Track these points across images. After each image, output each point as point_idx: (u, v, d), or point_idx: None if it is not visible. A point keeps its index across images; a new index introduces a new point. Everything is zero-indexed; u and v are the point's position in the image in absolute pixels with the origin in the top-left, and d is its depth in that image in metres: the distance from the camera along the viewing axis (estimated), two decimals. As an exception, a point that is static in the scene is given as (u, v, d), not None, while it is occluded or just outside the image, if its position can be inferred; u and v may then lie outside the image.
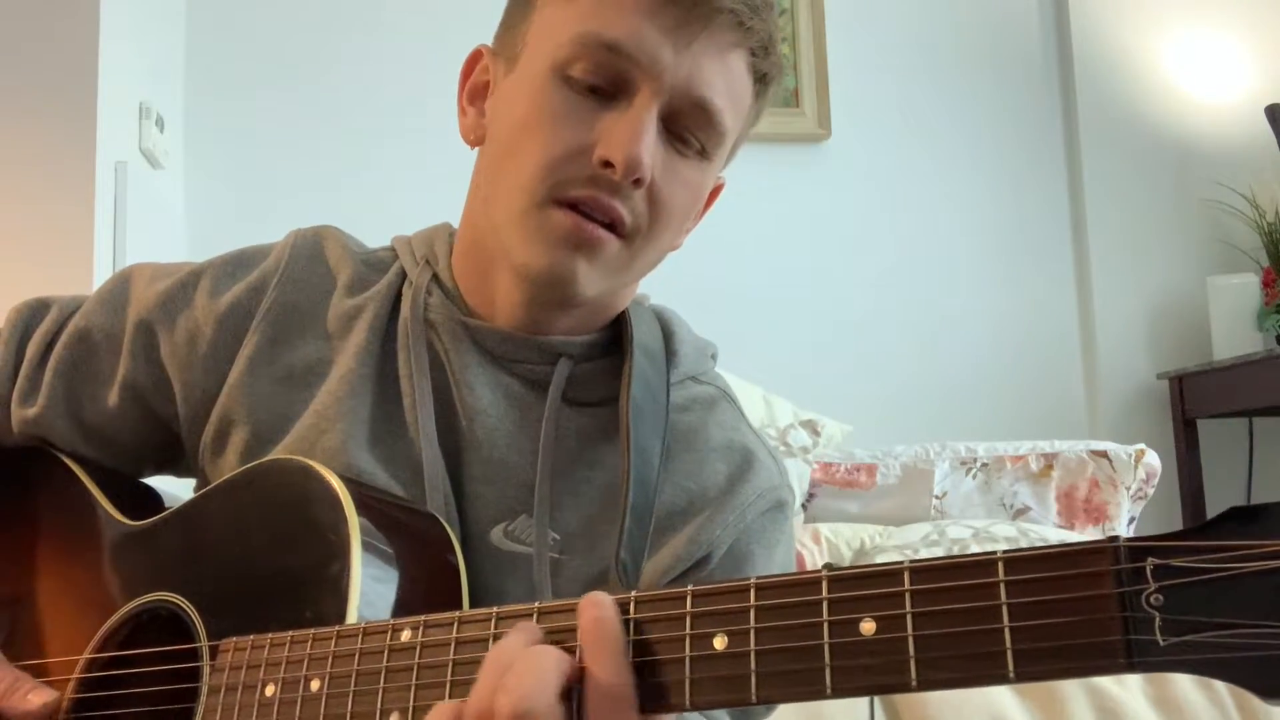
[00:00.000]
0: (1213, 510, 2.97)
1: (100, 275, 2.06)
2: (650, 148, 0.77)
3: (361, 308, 0.88)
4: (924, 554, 2.22)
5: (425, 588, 0.72)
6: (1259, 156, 3.10)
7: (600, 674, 0.54)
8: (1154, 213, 3.19)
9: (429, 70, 2.94)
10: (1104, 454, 2.51)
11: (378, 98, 2.93)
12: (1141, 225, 3.19)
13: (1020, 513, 2.49)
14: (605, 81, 0.78)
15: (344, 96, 2.92)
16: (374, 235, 0.99)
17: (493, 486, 0.83)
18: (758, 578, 0.54)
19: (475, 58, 0.89)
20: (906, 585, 0.49)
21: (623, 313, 0.91)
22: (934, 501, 2.49)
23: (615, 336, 0.90)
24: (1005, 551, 0.47)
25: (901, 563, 0.49)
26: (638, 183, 0.78)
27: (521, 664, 0.54)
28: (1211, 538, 0.43)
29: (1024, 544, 2.23)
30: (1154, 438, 2.83)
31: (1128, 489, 2.49)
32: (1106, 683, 1.44)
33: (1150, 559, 0.44)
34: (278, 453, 0.83)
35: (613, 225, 0.79)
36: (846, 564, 2.26)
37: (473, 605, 0.78)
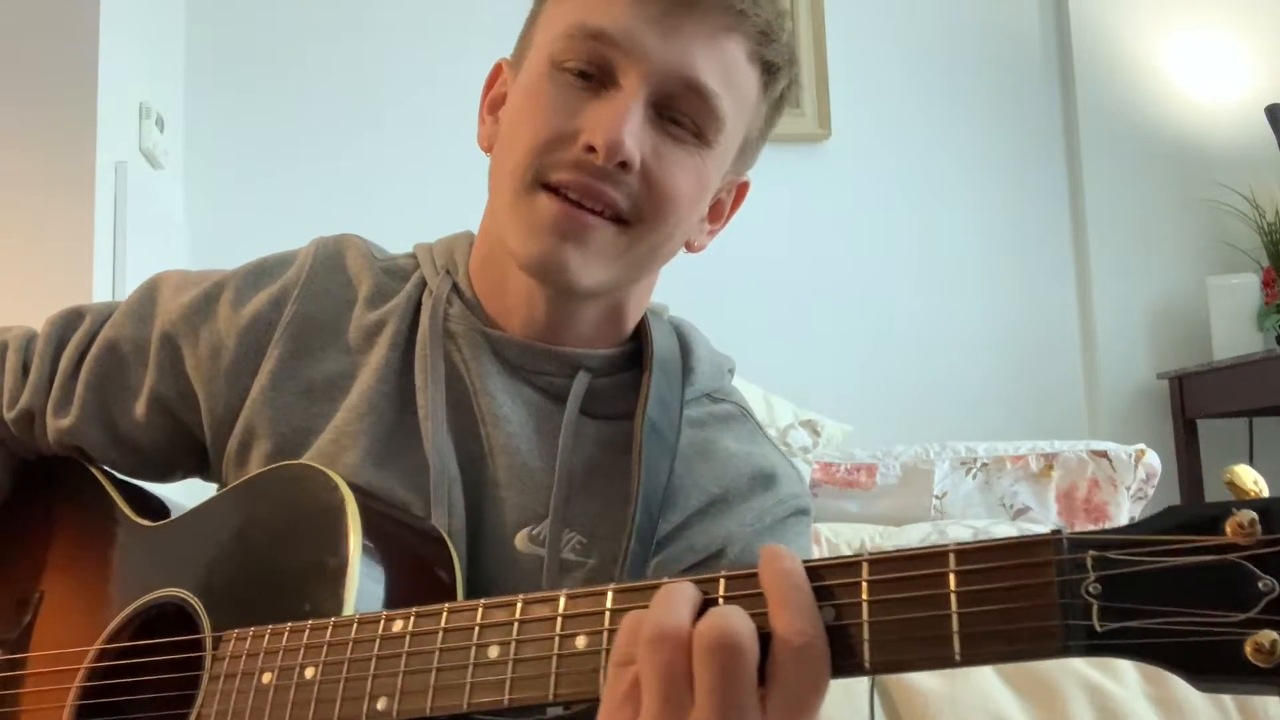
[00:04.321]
0: (1213, 510, 2.97)
1: (100, 275, 2.07)
2: (634, 131, 0.77)
3: (383, 322, 0.88)
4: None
5: (422, 591, 0.73)
6: (1259, 156, 3.10)
7: (789, 629, 0.51)
8: (1154, 213, 3.19)
9: (429, 70, 2.94)
10: (1104, 454, 2.51)
11: (378, 98, 2.94)
12: (1141, 225, 3.19)
13: (1020, 513, 2.49)
14: (594, 70, 0.79)
15: (344, 96, 2.93)
16: (373, 234, 0.99)
17: (515, 492, 0.83)
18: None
19: (496, 71, 0.91)
20: (864, 576, 0.52)
21: (643, 327, 0.91)
22: (934, 501, 2.49)
23: (634, 352, 0.90)
24: (957, 544, 0.50)
25: (860, 555, 0.52)
26: (624, 166, 0.78)
27: (655, 597, 0.54)
28: (1148, 533, 0.47)
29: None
30: (1154, 438, 2.83)
31: (1128, 489, 2.49)
32: (1106, 682, 1.44)
33: (1090, 551, 0.47)
34: None
35: (606, 211, 0.79)
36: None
37: None
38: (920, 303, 3.11)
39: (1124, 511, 2.49)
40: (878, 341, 3.07)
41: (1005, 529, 2.28)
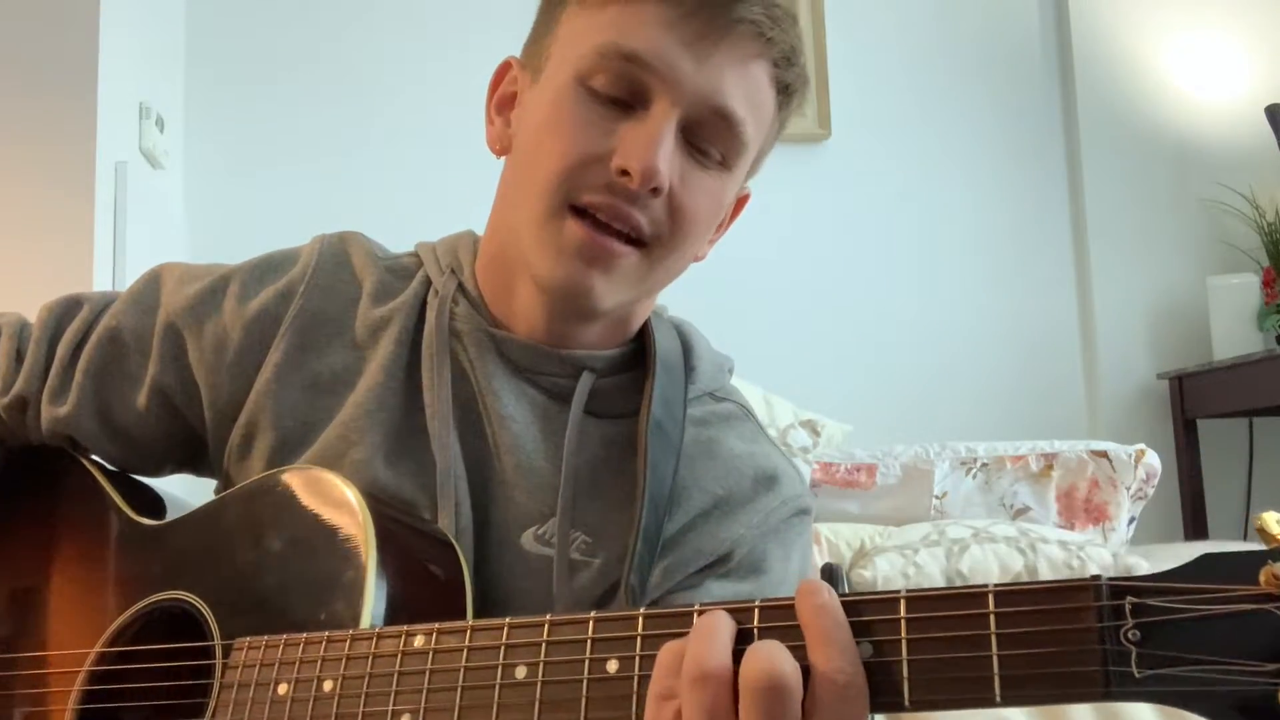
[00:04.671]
0: (1213, 510, 2.98)
1: (100, 275, 2.07)
2: (667, 157, 0.78)
3: (389, 318, 0.88)
4: (924, 554, 2.22)
5: (433, 601, 0.73)
6: (1259, 156, 3.10)
7: (830, 666, 0.51)
8: (1154, 213, 3.19)
9: (429, 70, 2.94)
10: (1104, 454, 2.51)
11: (378, 97, 2.94)
12: (1141, 225, 3.19)
13: (1020, 513, 2.49)
14: (625, 92, 0.79)
15: (344, 96, 2.92)
16: (374, 234, 0.99)
17: (521, 491, 0.84)
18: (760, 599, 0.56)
19: (504, 69, 0.90)
20: (903, 613, 0.52)
21: (646, 328, 0.91)
22: (934, 501, 2.49)
23: (637, 351, 0.90)
24: (996, 585, 0.51)
25: (899, 591, 0.52)
26: (655, 191, 0.78)
27: (694, 630, 0.54)
28: (1186, 580, 0.48)
29: (1024, 543, 2.24)
30: (1154, 438, 2.83)
31: (1128, 489, 2.49)
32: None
33: (1129, 598, 0.48)
34: (304, 461, 0.84)
35: (631, 235, 0.80)
36: (846, 564, 2.26)
37: (504, 608, 0.81)
38: (920, 303, 3.11)
39: (1124, 512, 2.49)
40: (878, 341, 3.07)
41: (1005, 529, 2.28)
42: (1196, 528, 2.95)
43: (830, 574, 2.15)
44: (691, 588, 0.83)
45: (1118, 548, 2.38)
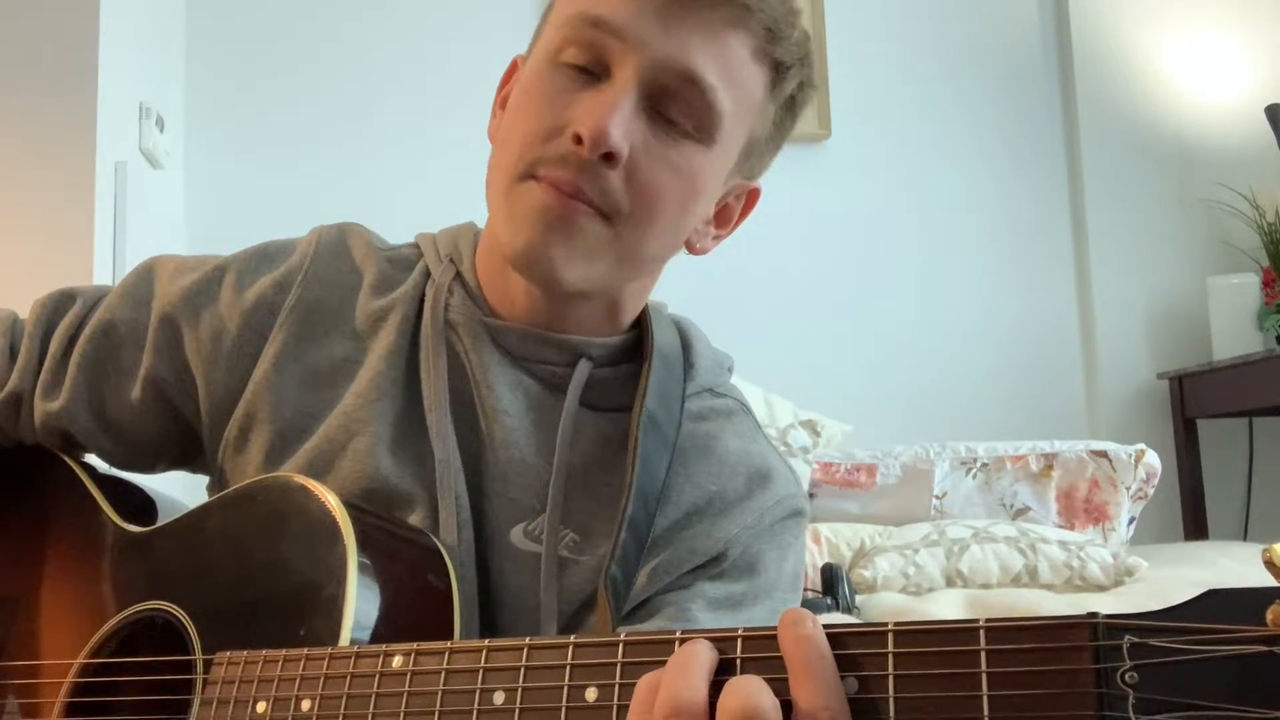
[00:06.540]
0: (1212, 510, 2.98)
1: (100, 275, 2.06)
2: (623, 123, 0.75)
3: (390, 309, 0.87)
4: (924, 554, 2.22)
5: (418, 616, 0.73)
6: (1259, 156, 3.10)
7: (813, 703, 0.49)
8: (1154, 213, 3.20)
9: (429, 70, 2.94)
10: (1104, 454, 2.51)
11: (378, 96, 2.94)
12: (1141, 225, 3.19)
13: (1020, 513, 2.49)
14: (591, 60, 0.78)
15: (344, 96, 2.92)
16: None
17: (513, 486, 0.83)
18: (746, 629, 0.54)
19: (512, 68, 0.90)
20: (890, 647, 0.50)
21: (644, 317, 0.90)
22: (934, 501, 2.49)
23: (636, 342, 0.89)
24: (988, 620, 0.48)
25: (886, 624, 0.50)
26: (609, 159, 0.76)
27: (670, 662, 0.52)
28: (1188, 618, 0.44)
29: (1024, 543, 2.24)
30: (1154, 438, 2.84)
31: (1128, 489, 2.49)
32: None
33: (1128, 637, 0.45)
34: (305, 452, 0.83)
35: (593, 204, 0.77)
36: (846, 564, 2.26)
37: (499, 605, 0.80)
38: (920, 302, 3.11)
39: (1124, 512, 2.49)
40: (878, 341, 3.07)
41: (1005, 529, 2.29)
42: (1197, 528, 2.95)
43: (830, 574, 2.15)
44: (683, 588, 0.81)
45: (1118, 548, 2.38)
